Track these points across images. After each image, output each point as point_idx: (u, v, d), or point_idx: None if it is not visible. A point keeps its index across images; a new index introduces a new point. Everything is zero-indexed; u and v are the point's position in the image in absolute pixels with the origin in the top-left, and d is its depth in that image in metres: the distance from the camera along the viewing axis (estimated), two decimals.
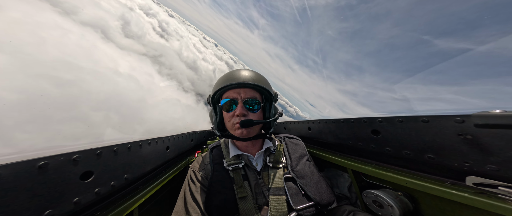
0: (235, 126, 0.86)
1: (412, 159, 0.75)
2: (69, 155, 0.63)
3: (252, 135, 0.90)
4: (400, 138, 0.78)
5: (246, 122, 0.82)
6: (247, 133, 0.86)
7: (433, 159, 0.67)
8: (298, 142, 1.07)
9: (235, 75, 0.88)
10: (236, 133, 0.88)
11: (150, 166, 1.14)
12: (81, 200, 0.66)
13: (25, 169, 0.52)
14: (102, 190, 0.75)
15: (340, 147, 1.20)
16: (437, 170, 0.69)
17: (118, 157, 0.86)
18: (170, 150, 1.44)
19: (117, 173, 0.84)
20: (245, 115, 0.86)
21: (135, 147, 0.98)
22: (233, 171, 0.87)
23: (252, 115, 0.88)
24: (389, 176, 0.80)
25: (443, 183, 0.64)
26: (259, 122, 0.85)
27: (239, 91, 0.88)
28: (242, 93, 0.87)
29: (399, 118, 0.77)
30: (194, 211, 0.78)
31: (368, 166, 0.91)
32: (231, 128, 0.90)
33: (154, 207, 1.39)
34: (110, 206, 0.81)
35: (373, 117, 0.89)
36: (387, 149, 0.85)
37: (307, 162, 0.95)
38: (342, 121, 1.11)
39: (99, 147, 0.74)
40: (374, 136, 0.90)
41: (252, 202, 0.78)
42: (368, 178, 0.99)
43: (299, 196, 0.80)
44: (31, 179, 0.53)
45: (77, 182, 0.66)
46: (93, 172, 0.72)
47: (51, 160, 0.58)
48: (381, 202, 0.80)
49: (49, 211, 0.56)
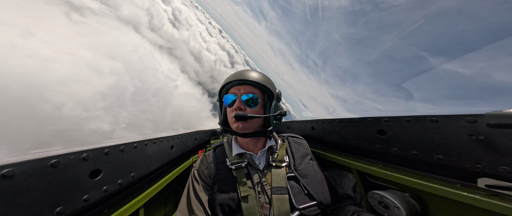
0: (233, 120, 0.89)
1: (420, 159, 0.73)
2: (79, 153, 0.64)
3: (250, 131, 0.90)
4: (408, 138, 0.76)
5: (240, 115, 0.85)
6: (242, 127, 0.87)
7: (443, 160, 0.65)
8: (301, 141, 1.06)
9: (239, 73, 0.95)
10: (233, 126, 0.91)
11: (156, 165, 1.16)
12: (90, 197, 0.68)
13: (38, 167, 0.54)
14: (110, 188, 0.77)
15: (345, 147, 1.18)
16: (446, 171, 0.67)
17: (125, 156, 0.87)
18: (174, 149, 1.46)
19: (124, 172, 0.86)
20: (242, 109, 0.89)
21: (141, 146, 1.00)
22: (236, 170, 0.87)
23: (250, 110, 0.90)
24: (396, 177, 0.78)
25: (453, 184, 0.62)
26: (253, 116, 0.86)
27: (239, 87, 0.92)
28: (241, 90, 0.92)
29: (407, 118, 0.75)
30: (198, 209, 0.79)
31: (374, 166, 0.90)
32: (230, 122, 0.93)
33: (159, 205, 1.42)
34: (117, 203, 0.83)
35: (379, 117, 0.87)
36: (393, 149, 0.83)
37: (311, 161, 0.94)
38: (346, 121, 1.09)
39: (107, 146, 0.76)
40: (380, 136, 0.88)
41: (255, 201, 0.78)
42: (373, 179, 0.98)
43: (302, 195, 0.79)
44: (44, 177, 0.55)
45: (86, 180, 0.67)
46: (102, 170, 0.73)
47: (62, 158, 0.60)
48: (387, 203, 0.78)
49: (60, 208, 0.58)
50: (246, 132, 0.90)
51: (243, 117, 0.85)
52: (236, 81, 0.91)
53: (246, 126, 0.88)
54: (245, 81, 0.91)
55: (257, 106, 0.92)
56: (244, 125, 0.87)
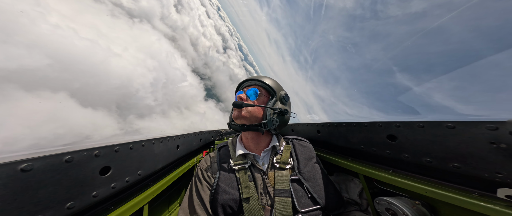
0: (233, 111, 0.98)
1: (433, 167, 0.70)
2: (91, 150, 0.66)
3: (246, 123, 0.94)
4: (420, 144, 0.73)
5: (237, 103, 0.92)
6: (237, 114, 0.93)
7: (459, 168, 0.62)
8: (306, 144, 1.05)
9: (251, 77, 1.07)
10: (233, 116, 0.98)
11: (161, 164, 1.18)
12: (98, 193, 0.69)
13: (54, 163, 0.56)
14: (118, 185, 0.79)
15: (351, 151, 1.15)
16: (462, 180, 0.64)
17: (133, 154, 0.89)
18: (180, 149, 1.47)
19: (131, 169, 0.88)
20: (242, 99, 0.97)
21: (149, 144, 1.01)
22: (239, 171, 0.87)
23: (251, 102, 0.96)
24: (406, 184, 0.75)
25: (470, 193, 0.59)
26: (248, 104, 0.92)
27: (245, 86, 1.05)
28: (246, 88, 1.03)
29: (420, 123, 0.72)
30: (200, 209, 0.80)
31: (382, 172, 0.87)
32: (233, 115, 0.99)
33: (163, 203, 1.43)
34: (123, 200, 0.84)
35: (389, 122, 0.85)
36: (404, 155, 0.80)
37: (315, 165, 0.93)
38: (354, 125, 1.07)
39: (117, 143, 0.77)
40: (390, 141, 0.85)
41: (257, 203, 0.77)
42: (381, 185, 0.95)
43: (305, 198, 0.78)
44: (59, 172, 0.57)
45: (96, 177, 0.69)
46: (111, 167, 0.75)
47: (76, 155, 0.61)
48: (395, 210, 0.75)
49: (70, 203, 0.59)
50: (243, 123, 0.94)
51: (239, 105, 0.91)
52: (247, 82, 1.04)
53: (241, 114, 0.93)
54: (253, 81, 1.02)
55: (257, 100, 0.98)
56: (239, 112, 0.93)
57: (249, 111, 0.93)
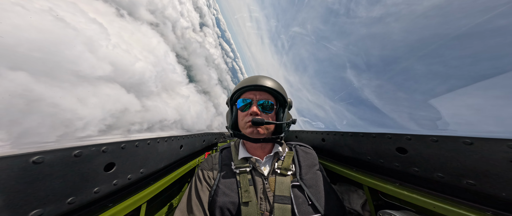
0: (247, 124, 0.89)
1: (445, 182, 0.69)
2: (99, 146, 0.66)
3: (262, 137, 0.90)
4: (433, 159, 0.71)
5: (257, 120, 0.85)
6: (257, 132, 0.87)
7: (474, 186, 0.61)
8: (309, 150, 1.03)
9: (253, 79, 0.94)
10: (247, 131, 0.90)
11: (164, 163, 1.16)
12: (100, 189, 0.67)
13: (64, 156, 0.55)
14: (119, 182, 0.77)
15: (357, 161, 1.14)
16: (477, 198, 0.62)
17: (138, 152, 0.87)
18: (183, 149, 1.45)
19: (134, 167, 0.86)
20: (258, 114, 0.89)
21: (154, 143, 1.00)
22: (240, 174, 0.86)
23: (265, 116, 0.91)
24: (414, 198, 0.73)
25: (484, 212, 0.57)
26: (269, 122, 0.87)
27: (255, 93, 0.93)
28: (257, 95, 0.92)
29: (434, 137, 0.71)
30: (197, 209, 0.78)
31: (389, 184, 0.85)
32: (243, 126, 0.92)
33: (161, 203, 1.40)
34: (123, 198, 0.82)
35: (399, 134, 0.84)
36: (414, 169, 0.78)
37: (318, 172, 0.91)
38: (361, 135, 1.06)
39: (124, 140, 0.76)
40: (400, 154, 0.84)
41: (256, 208, 0.75)
42: (386, 197, 0.93)
43: (305, 205, 0.76)
44: (66, 166, 0.56)
45: (101, 173, 0.68)
46: (115, 164, 0.73)
47: (85, 150, 0.61)
48: None
49: (72, 198, 0.58)
50: (259, 138, 0.89)
51: (260, 122, 0.84)
52: (252, 87, 0.91)
53: (260, 131, 0.88)
54: (262, 87, 0.91)
55: (272, 114, 0.92)
56: (258, 130, 0.87)
57: (267, 128, 0.90)
